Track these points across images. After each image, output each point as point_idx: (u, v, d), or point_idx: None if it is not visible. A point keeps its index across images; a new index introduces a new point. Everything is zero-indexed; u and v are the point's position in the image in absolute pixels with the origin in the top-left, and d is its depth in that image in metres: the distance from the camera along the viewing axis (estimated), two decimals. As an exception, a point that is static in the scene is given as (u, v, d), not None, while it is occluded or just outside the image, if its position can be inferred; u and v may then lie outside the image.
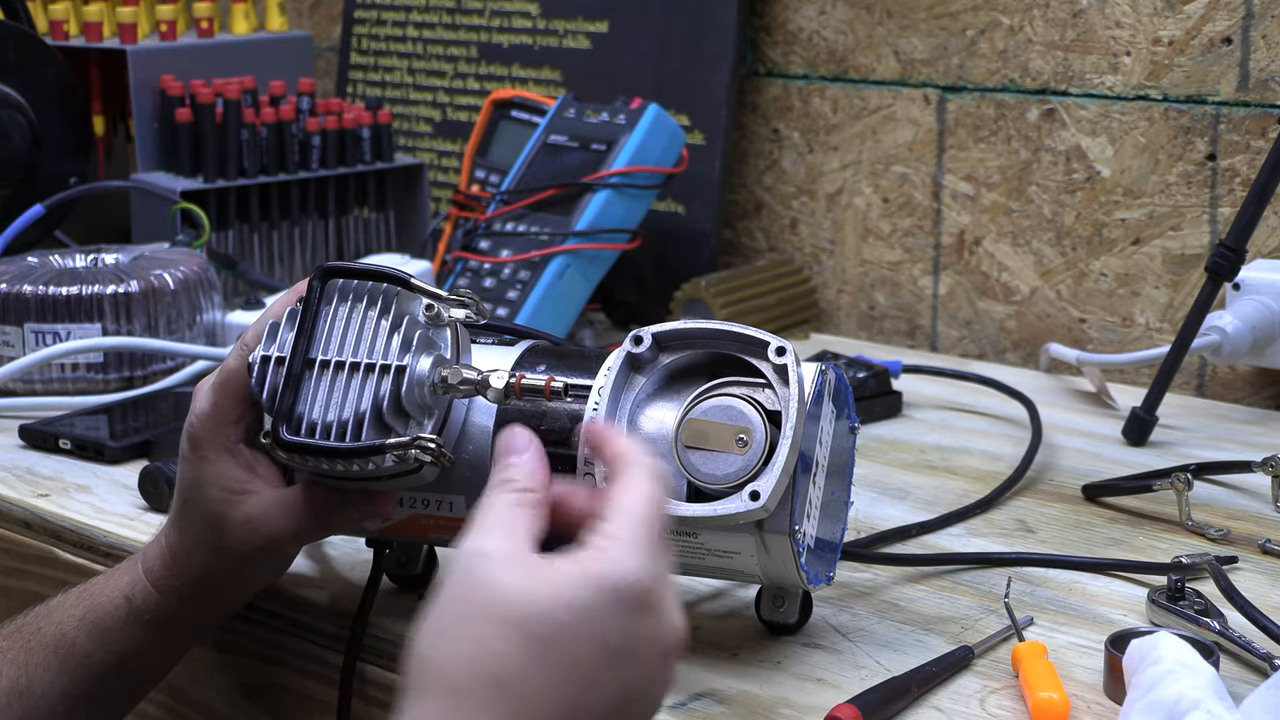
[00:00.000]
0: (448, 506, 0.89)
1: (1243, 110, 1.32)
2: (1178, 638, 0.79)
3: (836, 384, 0.90)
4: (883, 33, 1.52)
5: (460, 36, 1.77)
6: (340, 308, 0.86)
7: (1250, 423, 1.29)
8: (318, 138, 1.62)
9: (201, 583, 0.91)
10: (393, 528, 0.92)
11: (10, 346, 1.36)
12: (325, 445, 0.84)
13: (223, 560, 0.90)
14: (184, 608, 0.91)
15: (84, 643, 0.92)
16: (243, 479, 0.89)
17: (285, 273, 1.64)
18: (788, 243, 1.61)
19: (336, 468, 0.84)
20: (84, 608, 0.93)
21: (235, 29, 1.81)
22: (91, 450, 1.21)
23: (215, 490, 0.89)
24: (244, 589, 0.93)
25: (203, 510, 0.89)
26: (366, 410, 0.84)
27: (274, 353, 0.86)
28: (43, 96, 1.65)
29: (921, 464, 1.20)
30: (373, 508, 0.88)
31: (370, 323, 0.86)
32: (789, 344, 0.84)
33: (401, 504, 0.90)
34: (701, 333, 0.87)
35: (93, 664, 0.91)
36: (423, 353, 0.85)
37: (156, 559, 0.92)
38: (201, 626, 0.96)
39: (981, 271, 1.48)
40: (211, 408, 0.89)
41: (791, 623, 0.90)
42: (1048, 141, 1.43)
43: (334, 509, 0.88)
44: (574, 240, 1.40)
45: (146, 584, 0.91)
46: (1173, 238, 1.37)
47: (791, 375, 0.83)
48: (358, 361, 0.84)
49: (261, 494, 0.89)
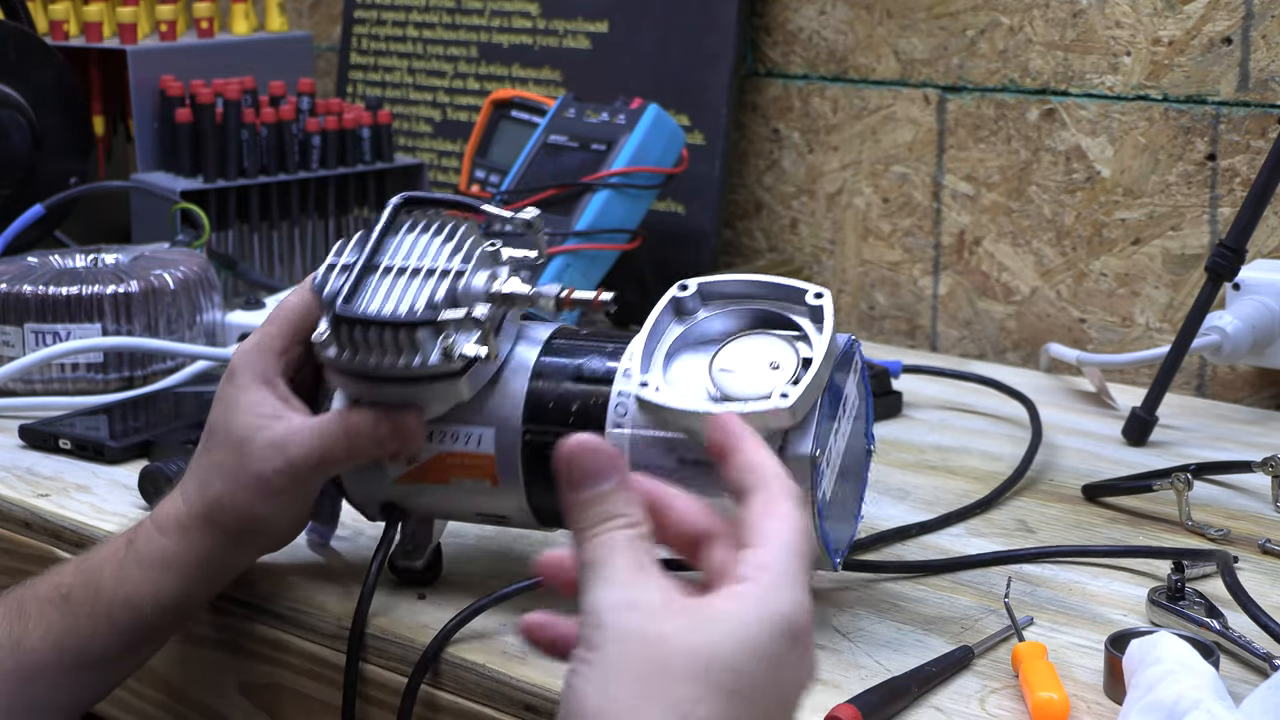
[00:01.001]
0: (476, 441, 0.91)
1: (1243, 110, 1.32)
2: (1178, 638, 0.79)
3: (861, 374, 0.92)
4: (883, 33, 1.52)
5: (460, 36, 1.77)
6: (410, 230, 0.92)
7: (1250, 423, 1.29)
8: (318, 138, 1.62)
9: (210, 521, 0.91)
10: (416, 473, 0.92)
11: (10, 346, 1.36)
12: (380, 316, 0.87)
13: (240, 489, 0.90)
14: (187, 547, 0.91)
15: (78, 589, 0.92)
16: (275, 407, 0.91)
17: (285, 273, 1.64)
18: (788, 243, 1.61)
19: (384, 359, 0.87)
20: (81, 558, 0.94)
21: (235, 29, 1.81)
22: (91, 450, 1.21)
23: (246, 416, 0.90)
24: (253, 531, 0.92)
25: (228, 436, 0.91)
26: (420, 308, 0.87)
27: (341, 260, 0.91)
28: (43, 96, 1.65)
29: (921, 464, 1.20)
30: (404, 433, 0.89)
31: (436, 240, 0.91)
32: (827, 290, 0.87)
33: (431, 439, 0.91)
34: (743, 284, 0.89)
35: (82, 612, 0.91)
36: (481, 268, 0.90)
37: (166, 504, 0.93)
38: (201, 578, 0.93)
39: (981, 271, 1.48)
40: (259, 337, 0.92)
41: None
42: (1048, 141, 1.43)
43: (364, 432, 0.89)
44: (574, 240, 1.40)
45: (151, 527, 0.92)
46: (1173, 238, 1.37)
47: (826, 311, 0.86)
48: (419, 267, 0.89)
49: (291, 419, 0.90)
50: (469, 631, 0.90)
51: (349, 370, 0.89)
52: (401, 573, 0.97)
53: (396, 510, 0.95)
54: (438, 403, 0.90)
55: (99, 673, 0.94)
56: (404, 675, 0.90)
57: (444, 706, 0.89)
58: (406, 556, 0.97)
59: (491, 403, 0.91)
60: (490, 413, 0.91)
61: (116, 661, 0.94)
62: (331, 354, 0.89)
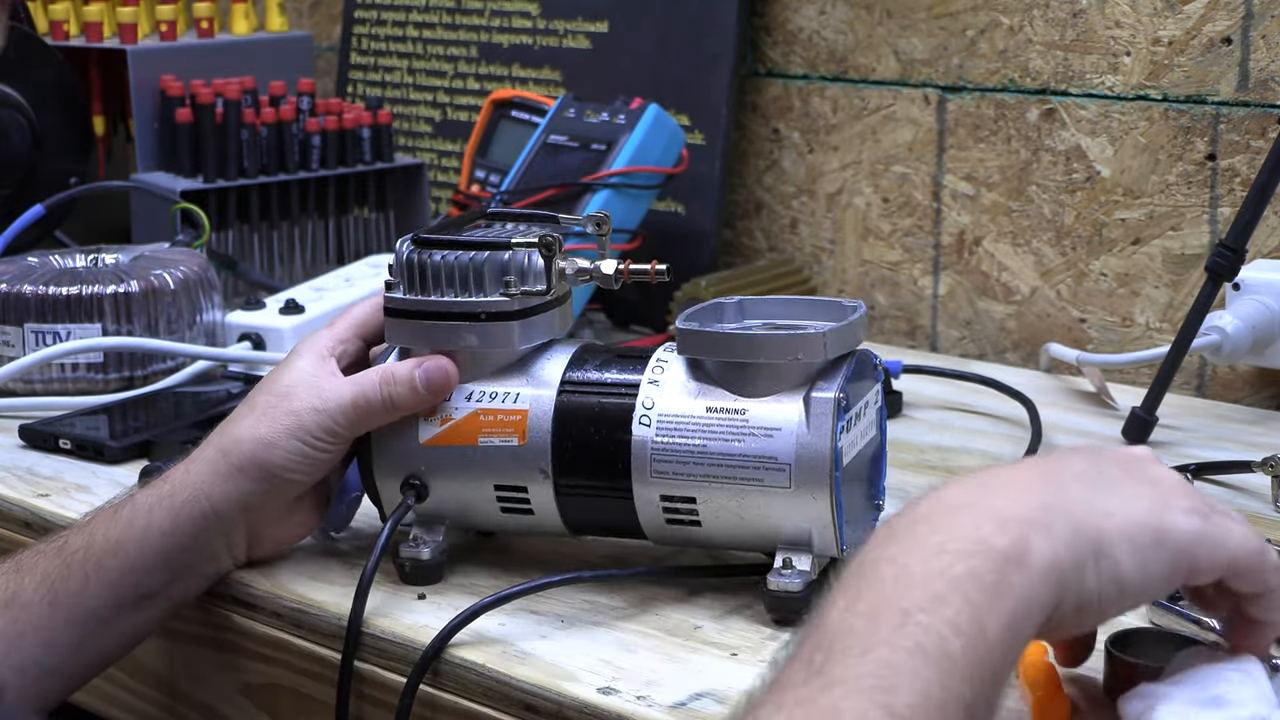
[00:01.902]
0: (513, 399, 0.95)
1: (1243, 110, 1.32)
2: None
3: (880, 410, 1.00)
4: (883, 33, 1.52)
5: (460, 36, 1.77)
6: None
7: (1250, 423, 1.29)
8: (318, 138, 1.62)
9: (221, 451, 0.95)
10: (447, 433, 0.96)
11: (10, 346, 1.36)
12: (456, 237, 0.97)
13: (269, 423, 0.95)
14: (183, 481, 0.95)
15: (74, 538, 0.95)
16: (323, 373, 0.97)
17: (285, 273, 1.64)
18: (788, 243, 1.61)
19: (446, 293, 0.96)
20: (85, 517, 0.98)
21: (235, 29, 1.81)
22: (91, 450, 1.21)
23: (292, 375, 0.97)
24: (262, 473, 0.95)
25: (272, 386, 0.97)
26: (484, 264, 0.95)
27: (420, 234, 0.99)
28: (43, 96, 1.65)
29: (921, 464, 1.20)
30: (438, 379, 0.95)
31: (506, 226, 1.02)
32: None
33: (469, 398, 0.96)
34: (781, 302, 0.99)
35: (75, 560, 0.94)
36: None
37: (187, 460, 0.97)
38: (189, 521, 0.95)
39: (981, 271, 1.48)
40: (328, 325, 1.01)
41: (796, 591, 0.90)
42: (1048, 141, 1.43)
43: (400, 379, 0.95)
44: (574, 240, 1.39)
45: (155, 480, 0.97)
46: (1173, 238, 1.37)
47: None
48: (487, 241, 0.97)
49: (335, 379, 0.96)
50: (469, 631, 0.90)
51: (412, 310, 0.96)
52: (408, 565, 0.97)
53: (417, 487, 0.96)
54: (490, 349, 0.96)
55: (94, 631, 0.94)
56: (403, 675, 0.90)
57: (444, 706, 0.89)
58: (414, 543, 0.97)
59: (534, 365, 0.96)
60: (531, 373, 0.96)
61: (111, 619, 0.94)
62: (400, 293, 0.96)
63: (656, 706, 0.83)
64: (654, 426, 0.93)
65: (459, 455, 0.96)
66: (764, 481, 0.91)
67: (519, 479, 0.95)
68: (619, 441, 0.93)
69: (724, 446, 0.91)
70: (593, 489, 0.95)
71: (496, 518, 0.98)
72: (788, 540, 0.92)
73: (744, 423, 0.91)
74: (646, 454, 0.93)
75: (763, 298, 0.99)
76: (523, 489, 0.96)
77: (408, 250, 0.98)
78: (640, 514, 0.94)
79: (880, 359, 0.99)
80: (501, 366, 0.97)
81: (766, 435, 0.90)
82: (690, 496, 0.92)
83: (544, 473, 0.95)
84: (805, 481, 0.90)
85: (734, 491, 0.91)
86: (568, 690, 0.85)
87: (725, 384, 0.92)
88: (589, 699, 0.84)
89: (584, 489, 0.95)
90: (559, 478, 0.95)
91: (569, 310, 1.01)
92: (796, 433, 0.90)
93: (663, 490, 0.93)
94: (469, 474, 0.96)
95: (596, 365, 0.96)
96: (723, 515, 0.92)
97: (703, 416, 0.92)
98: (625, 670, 0.87)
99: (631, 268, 0.98)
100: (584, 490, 0.95)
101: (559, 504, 0.96)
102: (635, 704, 0.83)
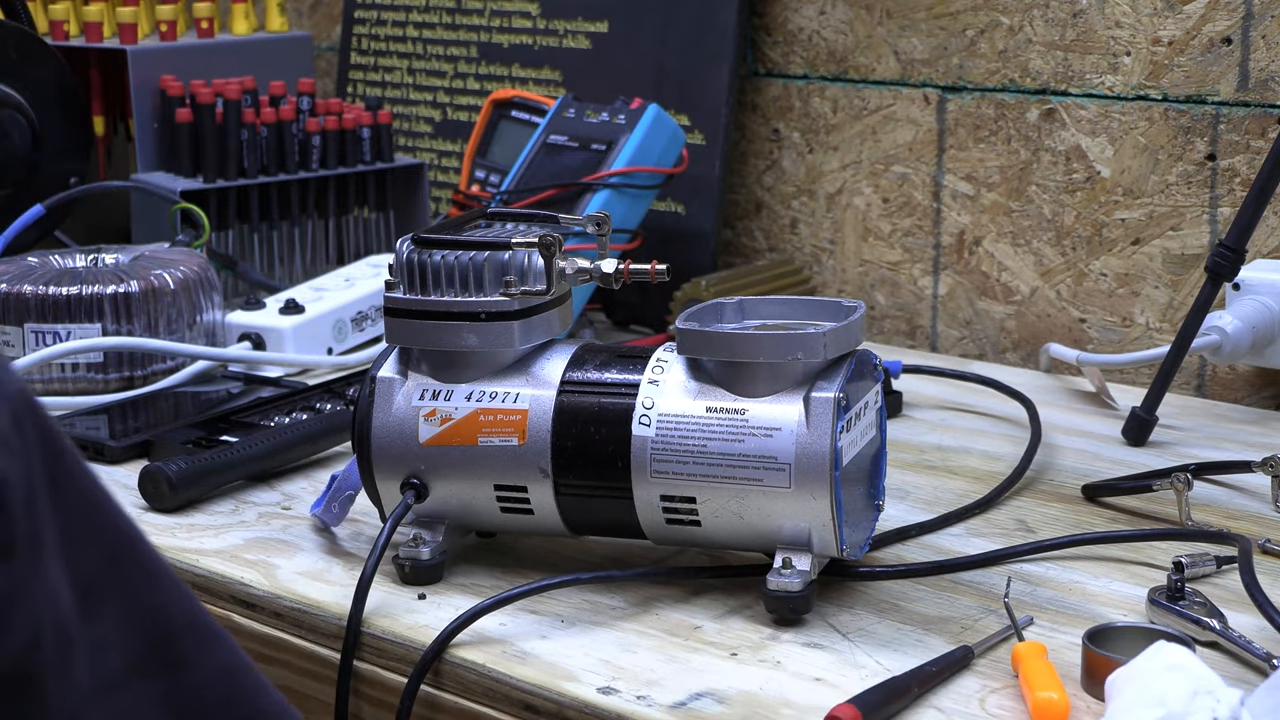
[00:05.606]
0: (513, 399, 0.95)
1: (1243, 110, 1.32)
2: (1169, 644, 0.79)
3: (880, 412, 1.00)
4: (883, 33, 1.52)
5: (460, 36, 1.77)
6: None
7: (1250, 423, 1.30)
8: (318, 138, 1.62)
9: None
10: (447, 433, 0.96)
11: (10, 346, 1.36)
12: (456, 237, 0.98)
13: None
14: None
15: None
16: None
17: (285, 273, 1.64)
18: (788, 243, 1.61)
19: (446, 293, 0.96)
20: None
21: (235, 29, 1.81)
22: (91, 450, 1.21)
23: None
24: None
25: None
26: (484, 264, 0.96)
27: (420, 234, 0.99)
28: (43, 96, 1.65)
29: (921, 464, 1.20)
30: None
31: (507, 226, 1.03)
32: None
33: (469, 398, 0.96)
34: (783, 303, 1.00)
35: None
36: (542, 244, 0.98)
37: None
38: None
39: (981, 271, 1.48)
40: None
41: (796, 590, 0.90)
42: (1048, 141, 1.43)
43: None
44: (574, 240, 1.39)
45: None
46: (1173, 238, 1.37)
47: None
48: (487, 241, 0.97)
49: None
50: (469, 632, 0.90)
51: (412, 310, 0.97)
52: (408, 564, 0.97)
53: (417, 487, 0.97)
54: (490, 349, 0.96)
55: None
56: (404, 675, 0.90)
57: (444, 706, 0.89)
58: (414, 543, 0.97)
59: (534, 365, 0.97)
60: (531, 373, 0.96)
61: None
62: (400, 293, 0.97)
63: (656, 706, 0.83)
64: (654, 426, 0.93)
65: (459, 455, 0.96)
66: (764, 481, 0.91)
67: (519, 479, 0.95)
68: (619, 441, 0.93)
69: (724, 446, 0.91)
70: (593, 489, 0.95)
71: (496, 518, 0.98)
72: (787, 540, 0.92)
73: (744, 423, 0.91)
74: (646, 454, 0.93)
75: (763, 298, 0.99)
76: (523, 489, 0.96)
77: (408, 250, 0.98)
78: (640, 514, 0.94)
79: (880, 359, 0.99)
80: (501, 366, 0.97)
81: (766, 435, 0.90)
82: (690, 496, 0.92)
83: (544, 472, 0.95)
84: (805, 481, 0.90)
85: (734, 491, 0.91)
86: (568, 690, 0.85)
87: (725, 384, 0.92)
88: (589, 699, 0.84)
89: (584, 489, 0.95)
90: (559, 477, 0.95)
91: (569, 310, 1.01)
92: (796, 433, 0.90)
93: (663, 490, 0.93)
94: (469, 474, 0.96)
95: (596, 365, 0.97)
96: (723, 515, 0.92)
97: (703, 416, 0.92)
98: (625, 670, 0.87)
99: (631, 268, 0.99)
100: (584, 490, 0.95)
101: (559, 504, 0.96)
102: (635, 704, 0.83)
